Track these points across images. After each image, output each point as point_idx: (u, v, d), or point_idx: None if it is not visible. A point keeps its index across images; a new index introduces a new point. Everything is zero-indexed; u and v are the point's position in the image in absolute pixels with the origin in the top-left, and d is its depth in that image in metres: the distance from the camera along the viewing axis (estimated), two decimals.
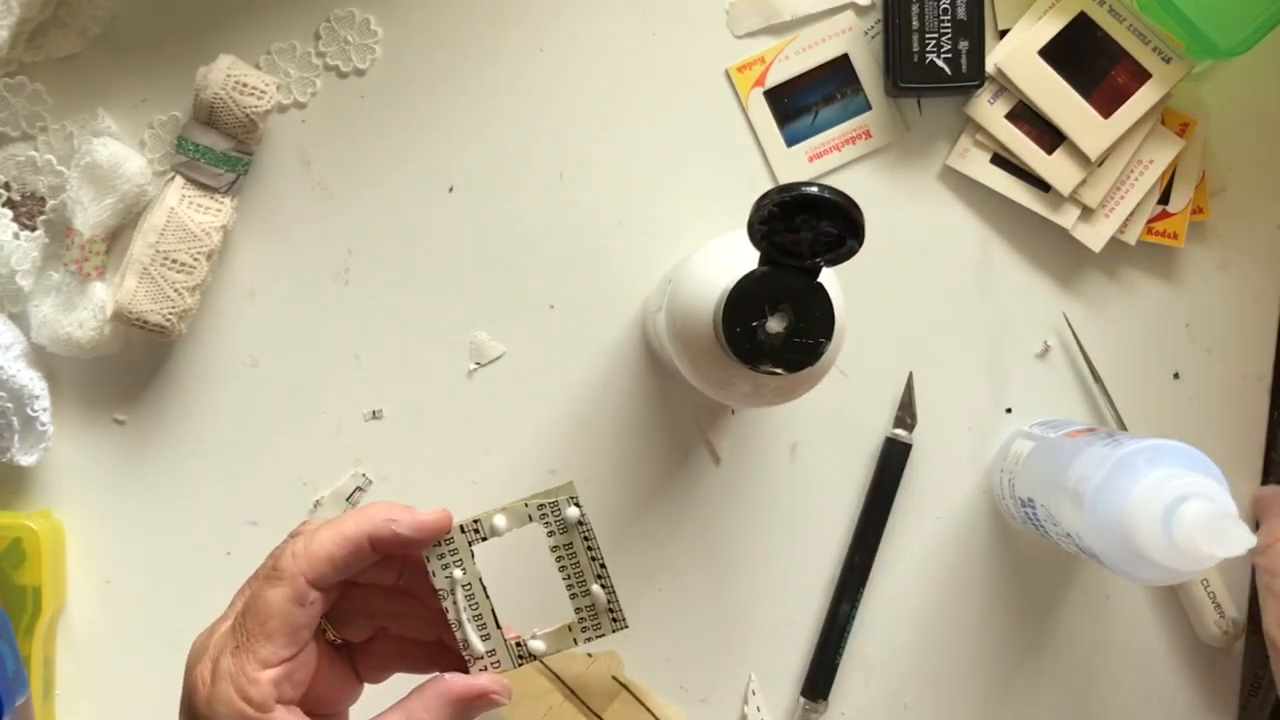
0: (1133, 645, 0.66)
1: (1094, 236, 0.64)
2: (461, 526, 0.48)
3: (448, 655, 0.50)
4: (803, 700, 0.65)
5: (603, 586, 0.49)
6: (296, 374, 0.64)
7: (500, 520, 0.48)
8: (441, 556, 0.48)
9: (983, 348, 0.66)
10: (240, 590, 0.49)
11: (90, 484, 0.64)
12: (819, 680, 0.65)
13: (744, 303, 0.46)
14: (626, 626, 0.49)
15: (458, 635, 0.49)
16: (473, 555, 0.48)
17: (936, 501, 0.66)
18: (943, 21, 0.62)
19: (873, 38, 0.65)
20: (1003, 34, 0.64)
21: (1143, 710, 0.66)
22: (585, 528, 0.49)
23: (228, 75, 0.60)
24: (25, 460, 0.61)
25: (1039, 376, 0.66)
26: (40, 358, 0.62)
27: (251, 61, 0.63)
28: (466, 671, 0.49)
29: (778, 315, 0.46)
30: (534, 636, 0.49)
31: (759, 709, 0.65)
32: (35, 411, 0.60)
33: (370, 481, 0.64)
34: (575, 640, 0.49)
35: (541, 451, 0.65)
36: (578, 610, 0.49)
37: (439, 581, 0.48)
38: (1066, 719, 0.66)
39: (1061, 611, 0.66)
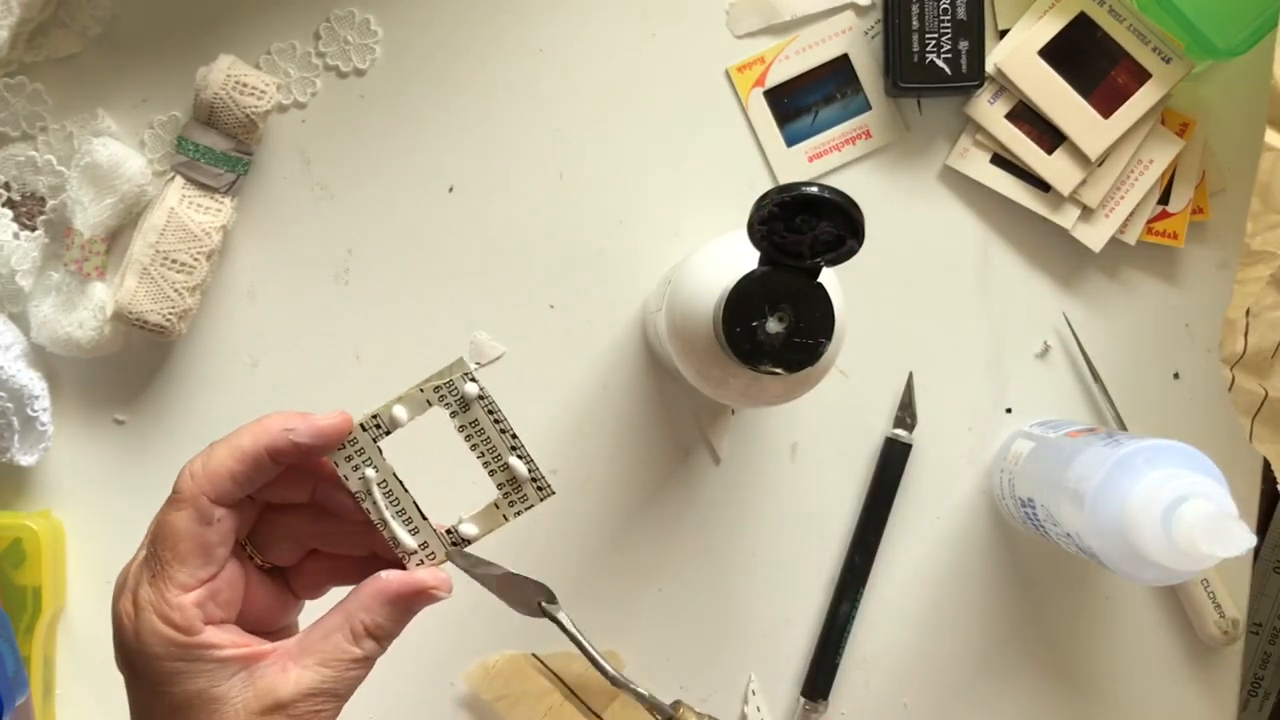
0: (1133, 645, 0.66)
1: (1094, 236, 0.64)
2: (362, 425, 0.47)
3: (381, 567, 0.48)
4: (803, 700, 0.65)
5: (519, 457, 0.47)
6: (296, 374, 0.64)
7: (399, 410, 0.47)
8: (350, 459, 0.47)
9: (983, 348, 0.66)
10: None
11: (90, 484, 0.64)
12: (819, 680, 0.65)
13: (744, 303, 0.46)
14: (553, 493, 0.48)
15: (384, 535, 0.47)
16: (380, 452, 0.47)
17: (936, 501, 0.66)
18: (943, 21, 0.62)
19: (873, 38, 0.65)
20: (1003, 34, 0.64)
21: (1143, 710, 0.66)
22: (487, 401, 0.47)
23: (228, 75, 0.60)
24: (25, 460, 0.61)
25: (1039, 376, 0.66)
26: (40, 358, 0.62)
27: (251, 61, 0.63)
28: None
29: (778, 315, 0.46)
30: (462, 521, 0.48)
31: (759, 709, 0.65)
32: (35, 411, 0.60)
33: None
34: (505, 517, 0.48)
35: (541, 451, 0.64)
36: (500, 486, 0.48)
37: (353, 484, 0.47)
38: (1066, 719, 0.66)
39: (1061, 611, 0.66)
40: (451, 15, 0.64)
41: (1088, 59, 0.63)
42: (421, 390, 0.47)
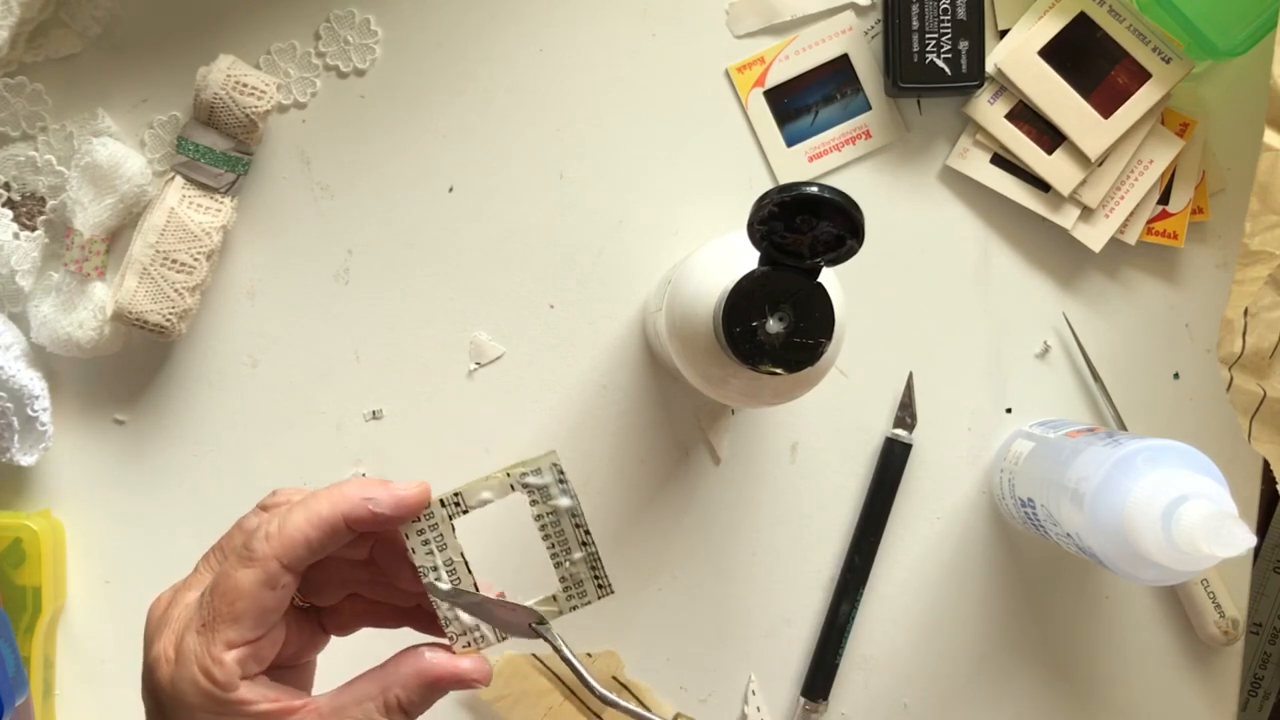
0: (1133, 645, 0.66)
1: (1094, 236, 0.64)
2: (441, 500, 0.47)
3: (421, 615, 0.49)
4: (803, 700, 0.65)
5: (588, 553, 0.47)
6: (296, 374, 0.64)
7: (486, 494, 0.47)
8: (421, 533, 0.47)
9: (983, 348, 0.66)
10: (205, 557, 0.47)
11: (90, 484, 0.64)
12: (819, 680, 0.65)
13: (744, 303, 0.46)
14: (612, 592, 0.48)
15: (440, 613, 0.47)
16: (453, 530, 0.47)
17: (936, 501, 0.66)
18: (943, 21, 0.62)
19: (873, 38, 0.65)
20: (1003, 34, 0.64)
21: (1143, 710, 0.66)
22: (573, 502, 0.47)
23: (228, 75, 0.60)
24: (25, 460, 0.61)
25: (1039, 376, 0.66)
26: (40, 358, 0.63)
27: (251, 61, 0.63)
28: (441, 635, 0.47)
29: (778, 315, 0.46)
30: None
31: (759, 709, 0.65)
32: (35, 411, 0.60)
33: None
34: (561, 610, 0.48)
35: (541, 452, 0.65)
36: (562, 580, 0.48)
37: (419, 559, 0.47)
38: (1066, 719, 0.66)
39: (1061, 611, 0.66)
40: (451, 15, 0.64)
41: (1088, 59, 0.63)
42: (508, 475, 0.47)
